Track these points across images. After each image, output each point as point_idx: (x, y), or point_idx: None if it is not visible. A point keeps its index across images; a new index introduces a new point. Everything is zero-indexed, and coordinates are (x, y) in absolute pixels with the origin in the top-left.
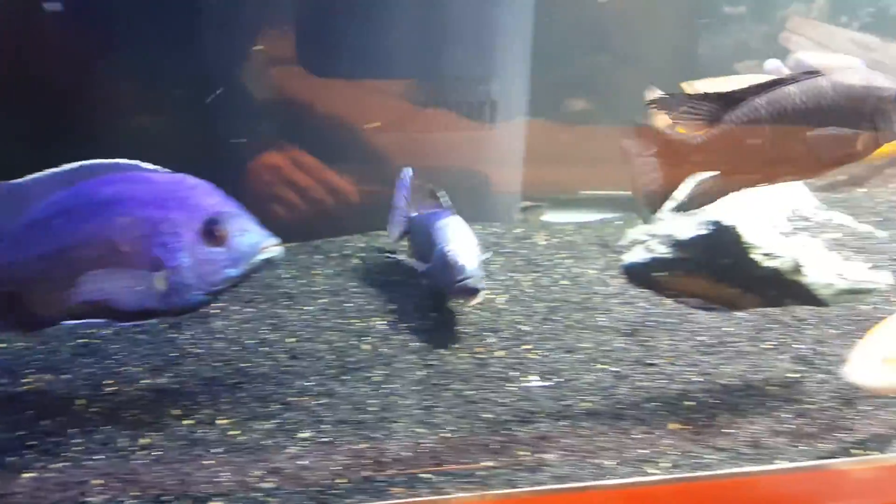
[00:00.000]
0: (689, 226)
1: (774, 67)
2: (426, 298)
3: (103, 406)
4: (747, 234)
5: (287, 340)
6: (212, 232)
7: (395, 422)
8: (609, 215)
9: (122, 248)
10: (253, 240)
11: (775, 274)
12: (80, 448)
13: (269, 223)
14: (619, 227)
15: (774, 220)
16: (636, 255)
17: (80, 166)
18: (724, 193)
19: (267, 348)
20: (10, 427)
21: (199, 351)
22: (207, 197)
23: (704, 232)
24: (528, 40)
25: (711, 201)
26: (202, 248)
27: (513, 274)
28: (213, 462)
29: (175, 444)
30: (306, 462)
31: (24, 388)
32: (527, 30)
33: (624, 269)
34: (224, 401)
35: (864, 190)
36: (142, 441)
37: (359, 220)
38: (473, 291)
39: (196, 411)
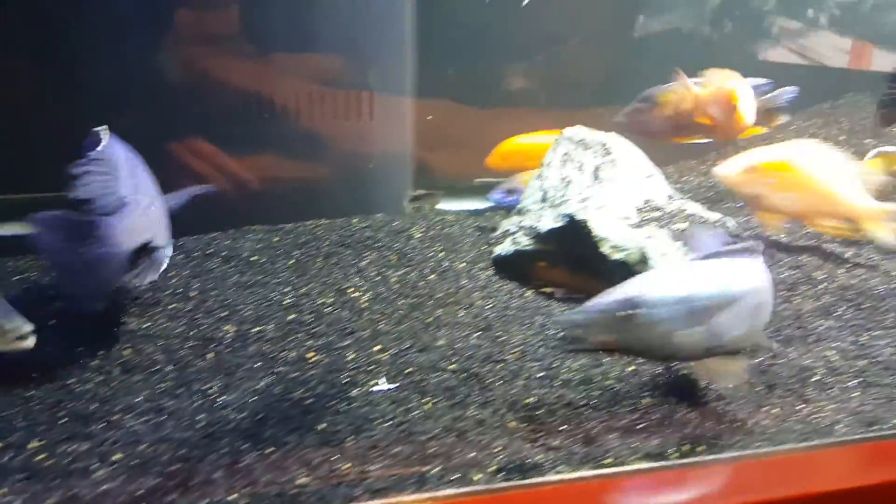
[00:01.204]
0: (549, 218)
1: None
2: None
3: None
4: (597, 228)
5: (124, 352)
6: None
7: (220, 438)
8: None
9: None
10: None
11: (624, 266)
12: None
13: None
14: (503, 215)
15: (626, 211)
16: (505, 247)
17: None
18: None
19: (98, 361)
20: None
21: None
22: None
23: (560, 225)
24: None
25: None
26: None
27: (383, 270)
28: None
29: None
30: (109, 487)
31: None
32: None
33: (494, 262)
34: (40, 422)
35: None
36: None
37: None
38: None
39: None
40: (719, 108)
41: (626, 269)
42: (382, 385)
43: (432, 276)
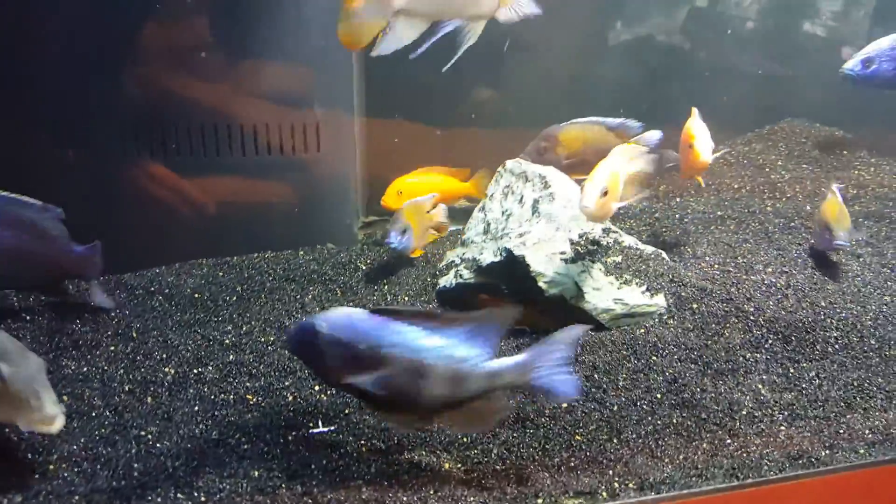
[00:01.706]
0: (490, 252)
1: None
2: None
3: None
4: (534, 263)
5: (63, 398)
6: None
7: (153, 487)
8: (458, 227)
9: None
10: None
11: (561, 300)
12: None
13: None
14: (455, 242)
15: (561, 246)
16: (447, 280)
17: None
18: None
19: None
20: None
21: None
22: None
23: (500, 259)
24: None
25: None
26: None
27: (327, 305)
28: None
29: None
30: None
31: None
32: None
33: (437, 294)
34: None
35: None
36: None
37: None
38: None
39: None
40: (682, 146)
41: (563, 303)
42: (319, 428)
43: None
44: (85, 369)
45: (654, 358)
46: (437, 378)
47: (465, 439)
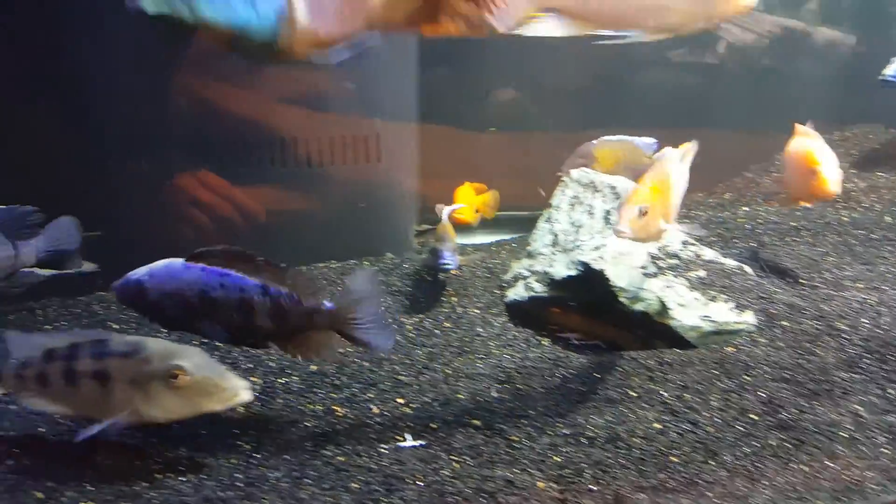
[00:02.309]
0: (562, 264)
1: None
2: None
3: None
4: (615, 278)
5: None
6: None
7: (258, 500)
8: (506, 237)
9: None
10: None
11: (644, 317)
12: None
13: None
14: (511, 252)
15: (641, 259)
16: (517, 293)
17: None
18: None
19: None
20: None
21: None
22: None
23: (575, 273)
24: None
25: None
26: None
27: (397, 316)
28: None
29: None
30: None
31: None
32: None
33: (507, 307)
34: None
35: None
36: None
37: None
38: None
39: None
40: (797, 170)
41: (646, 320)
42: (409, 441)
43: (447, 324)
44: None
45: (746, 377)
46: (260, 313)
47: (557, 459)
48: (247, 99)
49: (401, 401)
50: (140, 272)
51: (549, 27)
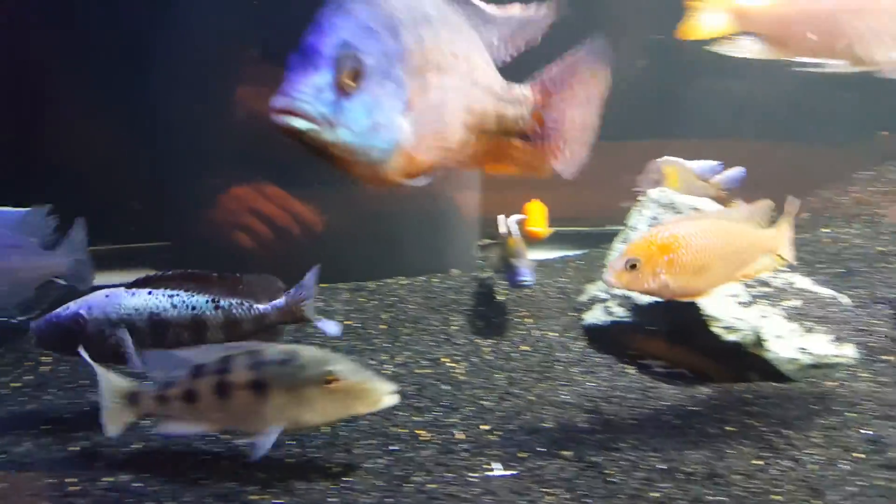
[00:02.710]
0: None
1: None
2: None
3: None
4: (707, 306)
5: None
6: None
7: None
8: (571, 252)
9: None
10: None
11: (737, 348)
12: None
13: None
14: (579, 271)
15: (733, 288)
16: (596, 316)
17: None
18: None
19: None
20: None
21: None
22: None
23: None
24: None
25: None
26: None
27: (473, 337)
28: None
29: None
30: None
31: None
32: None
33: (584, 331)
34: None
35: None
36: None
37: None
38: None
39: None
40: None
41: (739, 351)
42: (499, 471)
43: (525, 347)
44: None
45: (849, 414)
46: (214, 327)
47: (654, 494)
48: None
49: (485, 427)
50: (75, 305)
51: (745, 48)
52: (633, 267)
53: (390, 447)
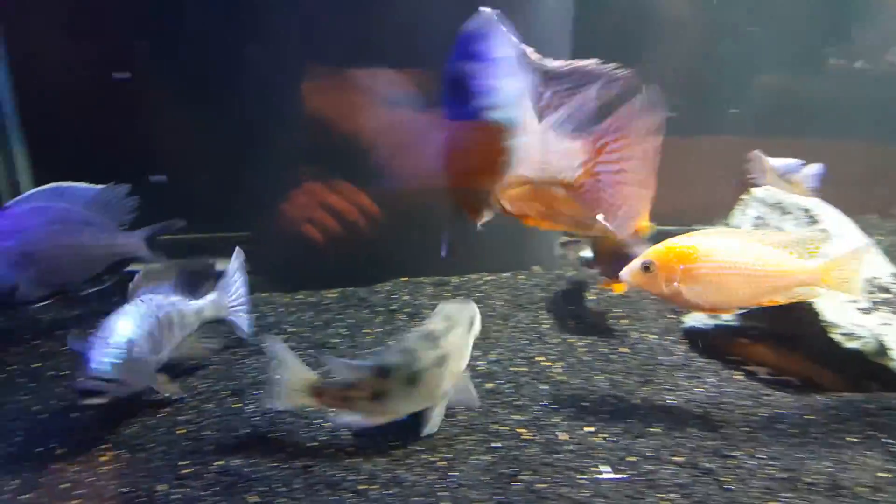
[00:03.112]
0: None
1: None
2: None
3: None
4: (826, 312)
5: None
6: None
7: None
8: None
9: None
10: None
11: (858, 356)
12: None
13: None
14: None
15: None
16: (698, 319)
17: None
18: None
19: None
20: None
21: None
22: None
23: None
24: None
25: None
26: None
27: (566, 336)
28: None
29: None
30: None
31: None
32: None
33: (686, 334)
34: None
35: None
36: None
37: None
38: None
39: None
40: None
41: (860, 359)
42: (608, 474)
43: (623, 349)
44: None
45: None
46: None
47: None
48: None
49: (589, 429)
50: None
51: None
52: (647, 269)
53: (492, 444)
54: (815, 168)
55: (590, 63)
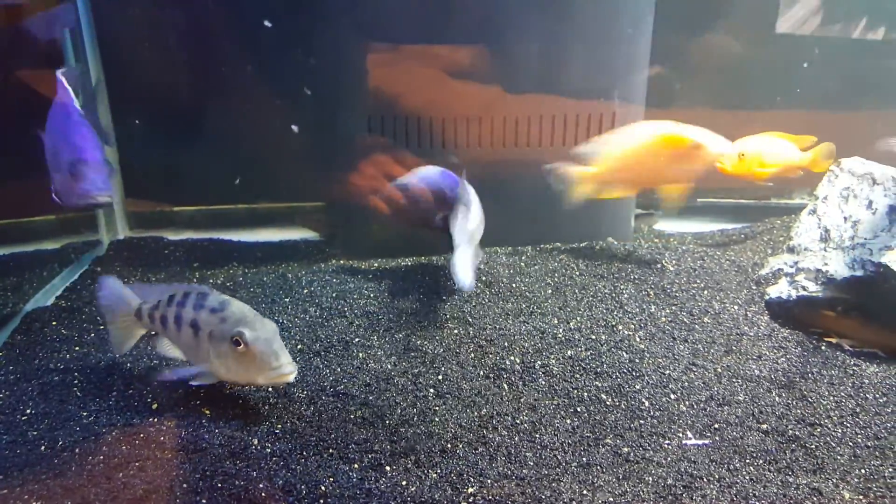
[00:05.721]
0: (840, 263)
1: None
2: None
3: None
4: None
5: (429, 388)
6: None
7: (557, 481)
8: (729, 226)
9: None
10: None
11: None
12: None
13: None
14: (748, 244)
15: None
16: (782, 290)
17: None
18: None
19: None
20: None
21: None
22: None
23: (863, 274)
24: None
25: None
26: None
27: (646, 306)
28: None
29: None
30: None
31: None
32: None
33: (768, 305)
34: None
35: None
36: None
37: None
38: None
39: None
40: None
41: None
42: (693, 439)
43: (706, 319)
44: (440, 350)
45: None
46: None
47: (862, 471)
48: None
49: (673, 397)
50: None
51: None
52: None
53: (575, 408)
54: None
55: None
